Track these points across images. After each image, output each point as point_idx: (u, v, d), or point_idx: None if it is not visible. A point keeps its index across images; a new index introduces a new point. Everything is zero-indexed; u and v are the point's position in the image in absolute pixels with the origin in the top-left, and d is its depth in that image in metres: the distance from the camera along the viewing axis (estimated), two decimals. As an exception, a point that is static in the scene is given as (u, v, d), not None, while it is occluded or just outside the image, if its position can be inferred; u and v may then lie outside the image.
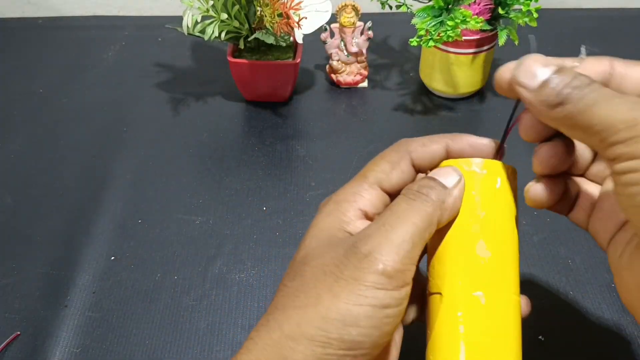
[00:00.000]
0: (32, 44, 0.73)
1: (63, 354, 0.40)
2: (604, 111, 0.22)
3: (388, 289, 0.25)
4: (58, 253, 0.47)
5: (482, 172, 0.28)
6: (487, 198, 0.28)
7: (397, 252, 0.25)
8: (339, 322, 0.25)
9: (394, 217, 0.26)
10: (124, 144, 0.57)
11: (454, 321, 0.27)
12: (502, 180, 0.29)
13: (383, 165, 0.30)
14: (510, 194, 0.29)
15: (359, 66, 0.63)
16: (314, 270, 0.26)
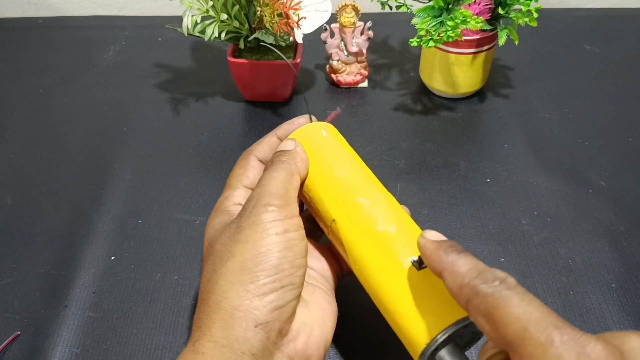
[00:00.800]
0: (32, 44, 0.73)
1: (63, 354, 0.40)
2: (516, 310, 0.23)
3: (282, 218, 0.31)
4: (58, 253, 0.47)
5: (311, 131, 0.38)
6: (322, 144, 0.38)
7: (274, 194, 0.32)
8: (254, 259, 0.30)
9: (264, 179, 0.33)
10: (124, 144, 0.58)
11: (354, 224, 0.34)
12: (325, 131, 0.38)
13: (238, 171, 0.38)
14: (334, 137, 0.39)
15: (359, 66, 0.63)
16: (220, 246, 0.32)
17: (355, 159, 0.38)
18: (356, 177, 0.36)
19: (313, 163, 0.37)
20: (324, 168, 0.36)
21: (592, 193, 0.51)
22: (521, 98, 0.63)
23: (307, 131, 0.38)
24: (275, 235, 0.30)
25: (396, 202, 0.36)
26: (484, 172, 0.54)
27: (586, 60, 0.69)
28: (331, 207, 0.35)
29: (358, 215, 0.34)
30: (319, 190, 0.36)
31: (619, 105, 0.61)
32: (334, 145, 0.38)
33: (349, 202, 0.35)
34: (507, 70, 0.66)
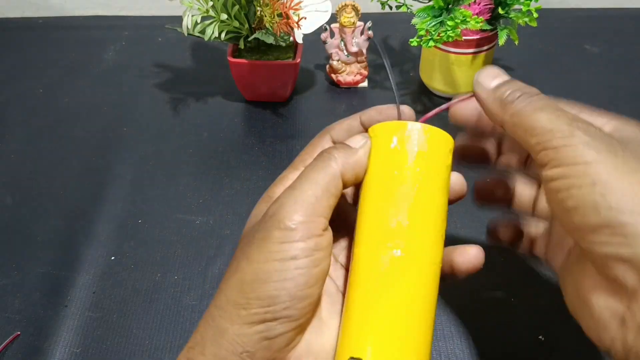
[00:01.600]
0: (32, 44, 0.73)
1: (63, 354, 0.40)
2: (546, 117, 0.26)
3: (293, 241, 0.26)
4: (58, 253, 0.47)
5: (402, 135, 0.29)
6: (393, 160, 0.29)
7: (297, 206, 0.27)
8: (253, 281, 0.26)
9: (299, 179, 0.29)
10: (124, 144, 0.58)
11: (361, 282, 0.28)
12: (420, 138, 0.29)
13: (306, 150, 0.33)
14: (429, 159, 0.29)
15: (359, 66, 0.63)
16: (242, 244, 0.29)
17: (432, 200, 0.29)
18: (411, 228, 0.28)
19: (376, 174, 0.29)
20: (383, 185, 0.29)
21: (592, 193, 0.51)
22: (521, 98, 0.62)
23: (393, 130, 0.30)
24: (279, 262, 0.26)
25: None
26: (484, 172, 0.54)
27: (586, 60, 0.69)
28: (360, 233, 0.29)
29: (378, 263, 0.28)
30: (361, 208, 0.30)
31: (619, 105, 0.61)
32: (418, 162, 0.29)
33: (374, 247, 0.28)
34: (507, 70, 0.66)
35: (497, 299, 0.43)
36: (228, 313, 0.27)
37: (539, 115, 0.26)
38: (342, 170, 0.29)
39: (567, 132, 0.25)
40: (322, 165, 0.29)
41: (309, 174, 0.28)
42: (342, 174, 0.29)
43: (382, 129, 0.30)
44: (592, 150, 0.24)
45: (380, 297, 0.27)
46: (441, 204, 0.29)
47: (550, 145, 0.25)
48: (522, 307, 0.42)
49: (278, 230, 0.27)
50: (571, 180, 0.24)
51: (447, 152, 0.30)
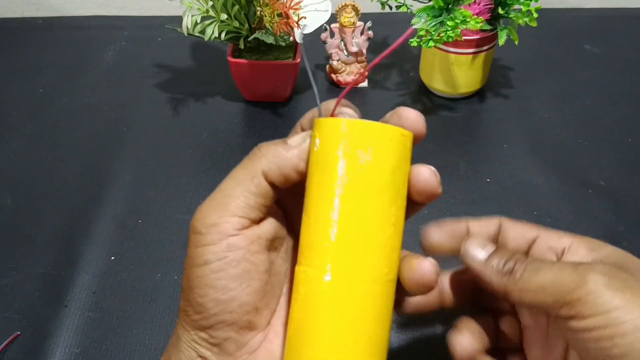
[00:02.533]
0: (32, 44, 0.73)
1: (63, 354, 0.40)
2: (552, 273, 0.26)
3: (203, 244, 0.26)
4: (58, 253, 0.47)
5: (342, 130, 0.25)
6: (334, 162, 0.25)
7: (210, 207, 0.26)
8: (186, 288, 0.26)
9: (226, 177, 0.27)
10: (124, 144, 0.57)
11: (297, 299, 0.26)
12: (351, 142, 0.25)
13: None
14: (379, 160, 0.25)
15: (359, 66, 0.63)
16: None
17: (376, 210, 0.25)
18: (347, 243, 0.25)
19: (308, 178, 0.26)
20: (310, 193, 0.26)
21: (592, 193, 0.51)
22: (521, 98, 0.63)
23: (320, 128, 0.26)
24: (197, 268, 0.26)
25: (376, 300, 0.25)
26: (484, 172, 0.54)
27: (586, 60, 0.69)
28: (299, 245, 0.26)
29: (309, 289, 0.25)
30: (303, 216, 0.26)
31: (619, 105, 0.61)
32: (359, 174, 0.25)
33: (312, 263, 0.25)
34: (507, 70, 0.66)
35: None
36: (180, 319, 0.27)
37: (544, 274, 0.26)
38: (265, 169, 0.26)
39: (580, 280, 0.25)
40: (246, 163, 0.27)
41: (233, 172, 0.27)
42: (264, 172, 0.26)
43: (318, 125, 0.26)
44: (617, 292, 0.24)
45: (316, 323, 0.25)
46: (381, 211, 0.25)
47: (572, 298, 0.25)
48: (522, 307, 0.42)
49: (193, 234, 0.26)
50: (612, 330, 0.24)
51: (389, 148, 0.25)
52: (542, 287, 0.26)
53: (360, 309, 0.24)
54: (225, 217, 0.26)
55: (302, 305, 0.25)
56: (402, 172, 0.26)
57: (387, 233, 0.25)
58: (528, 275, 0.27)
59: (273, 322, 0.28)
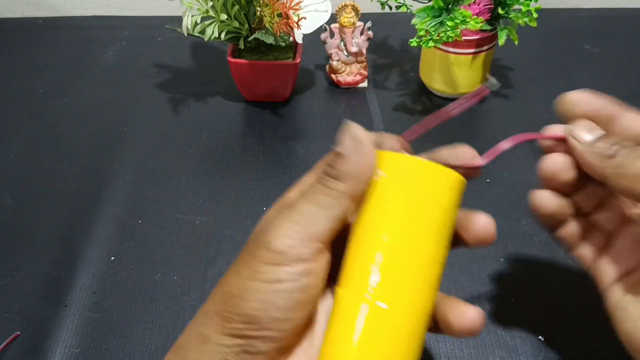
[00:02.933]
0: (32, 44, 0.73)
1: (63, 354, 0.40)
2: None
3: (278, 264, 0.25)
4: (58, 253, 0.47)
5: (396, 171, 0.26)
6: (390, 201, 0.26)
7: (289, 228, 0.26)
8: (235, 295, 0.26)
9: (302, 196, 0.27)
10: (124, 144, 0.58)
11: (340, 324, 0.26)
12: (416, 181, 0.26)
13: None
14: (426, 199, 0.26)
15: (359, 66, 0.63)
16: (240, 253, 0.28)
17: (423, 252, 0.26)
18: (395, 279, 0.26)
19: (364, 208, 0.27)
20: (368, 223, 0.26)
21: (592, 193, 0.51)
22: (521, 98, 0.63)
23: (385, 160, 0.27)
24: (262, 283, 0.25)
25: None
26: (483, 172, 0.53)
27: (586, 60, 0.69)
28: (343, 272, 0.27)
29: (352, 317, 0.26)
30: (349, 245, 0.27)
31: (619, 105, 0.61)
32: (411, 213, 0.26)
33: (356, 293, 0.26)
34: (507, 70, 0.66)
35: (497, 299, 0.43)
36: (213, 322, 0.26)
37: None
38: (352, 193, 0.26)
39: None
40: (322, 199, 0.26)
41: (308, 204, 0.26)
42: (352, 196, 0.26)
43: (384, 157, 0.27)
44: None
45: (359, 345, 0.25)
46: (431, 250, 0.26)
47: None
48: (522, 307, 0.42)
49: (266, 250, 0.25)
50: None
51: (445, 191, 0.26)
52: (637, 175, 0.27)
53: (402, 340, 0.26)
54: (306, 242, 0.26)
55: (347, 326, 0.26)
56: (455, 215, 0.28)
57: (436, 272, 0.27)
58: (628, 161, 0.27)
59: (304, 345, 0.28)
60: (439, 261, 0.27)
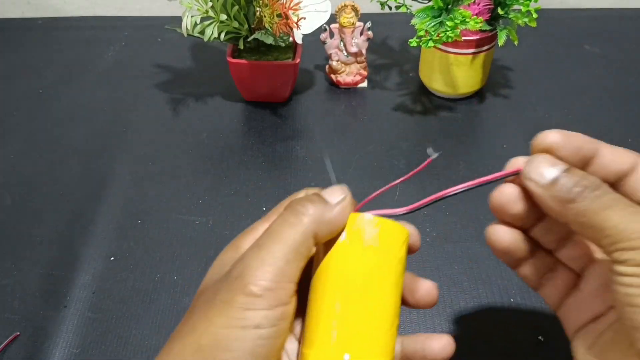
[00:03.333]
0: (32, 44, 0.73)
1: (63, 354, 0.40)
2: (617, 217, 0.23)
3: (258, 308, 0.24)
4: (58, 253, 0.47)
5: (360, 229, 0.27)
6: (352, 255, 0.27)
7: (266, 270, 0.25)
8: (211, 347, 0.24)
9: (267, 236, 0.26)
10: (124, 144, 0.58)
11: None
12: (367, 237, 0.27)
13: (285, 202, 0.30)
14: (384, 255, 0.27)
15: (359, 66, 0.63)
16: (202, 301, 0.26)
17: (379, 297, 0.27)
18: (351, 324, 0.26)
19: (325, 264, 0.27)
20: (331, 279, 0.27)
21: (592, 193, 0.51)
22: (521, 98, 0.63)
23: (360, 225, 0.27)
24: (240, 330, 0.24)
25: None
26: (483, 172, 0.54)
27: (586, 60, 0.69)
28: (307, 327, 0.27)
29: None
30: (311, 299, 0.28)
31: (619, 105, 0.61)
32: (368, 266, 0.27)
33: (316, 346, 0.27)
34: (506, 71, 0.66)
35: (497, 299, 0.43)
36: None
37: (608, 214, 0.24)
38: (315, 230, 0.26)
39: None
40: (292, 221, 0.26)
41: (278, 230, 0.26)
42: (314, 233, 0.26)
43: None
44: None
45: None
46: (392, 302, 0.27)
47: (627, 246, 0.23)
48: (522, 307, 0.42)
49: (243, 295, 0.24)
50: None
51: (401, 245, 0.27)
52: (602, 227, 0.24)
53: None
54: (282, 283, 0.25)
55: None
56: (405, 265, 0.28)
57: (395, 323, 0.27)
58: (591, 210, 0.24)
59: None
60: (397, 313, 0.28)
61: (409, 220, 0.29)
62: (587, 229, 0.24)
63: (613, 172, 0.27)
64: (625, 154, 0.27)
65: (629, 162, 0.27)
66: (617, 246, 0.23)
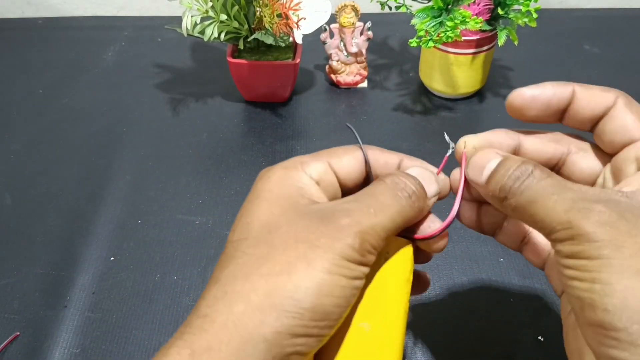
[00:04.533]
0: (32, 44, 0.73)
1: (62, 354, 0.40)
2: (542, 210, 0.24)
3: (358, 262, 0.25)
4: (58, 253, 0.47)
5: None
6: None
7: (373, 232, 0.25)
8: (314, 290, 0.23)
9: (379, 205, 0.26)
10: (124, 144, 0.58)
11: None
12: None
13: (336, 149, 0.31)
14: (395, 269, 0.28)
15: (359, 66, 0.63)
16: (285, 237, 0.25)
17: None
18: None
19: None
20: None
21: (592, 193, 0.51)
22: (521, 98, 0.63)
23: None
24: (344, 279, 0.24)
25: None
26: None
27: (586, 60, 0.69)
28: None
29: None
30: None
31: (619, 105, 0.61)
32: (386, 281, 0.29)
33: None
34: (506, 71, 0.66)
35: (497, 299, 0.43)
36: (270, 318, 0.23)
37: (535, 209, 0.24)
38: (411, 218, 0.27)
39: (566, 224, 0.23)
40: (402, 206, 0.27)
41: (389, 207, 0.26)
42: (406, 221, 0.27)
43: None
44: (600, 248, 0.22)
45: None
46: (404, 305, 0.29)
47: (555, 237, 0.23)
48: (522, 307, 0.42)
49: (350, 247, 0.24)
50: (578, 272, 0.22)
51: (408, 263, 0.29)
52: (533, 221, 0.24)
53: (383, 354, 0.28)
54: (375, 250, 0.26)
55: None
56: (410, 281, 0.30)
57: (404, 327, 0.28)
58: (520, 206, 0.25)
59: None
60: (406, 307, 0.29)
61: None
62: (525, 221, 0.25)
63: (587, 118, 0.27)
64: (600, 96, 0.27)
65: (604, 104, 0.27)
66: (550, 237, 0.24)
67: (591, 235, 0.22)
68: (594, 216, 0.22)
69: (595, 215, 0.22)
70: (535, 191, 0.24)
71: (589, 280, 0.22)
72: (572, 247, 0.22)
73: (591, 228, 0.22)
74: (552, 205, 0.23)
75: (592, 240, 0.22)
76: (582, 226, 0.22)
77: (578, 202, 0.23)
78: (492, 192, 0.26)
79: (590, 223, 0.22)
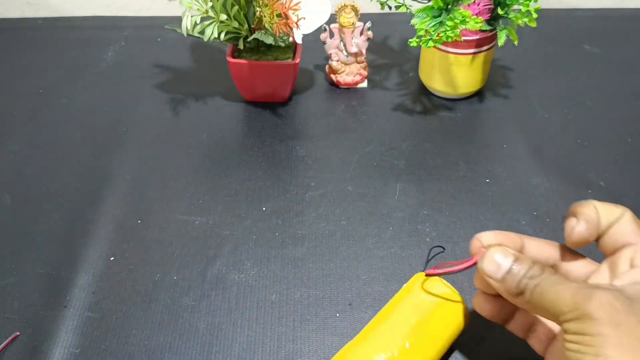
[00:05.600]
0: (32, 44, 0.73)
1: (62, 354, 0.40)
2: (552, 296, 0.29)
3: None
4: (58, 253, 0.47)
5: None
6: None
7: None
8: None
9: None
10: (124, 144, 0.58)
11: None
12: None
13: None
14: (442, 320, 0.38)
15: (359, 66, 0.63)
16: None
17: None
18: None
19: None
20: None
21: (592, 193, 0.51)
22: (521, 98, 0.63)
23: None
24: None
25: None
26: (483, 172, 0.54)
27: (586, 60, 0.69)
28: None
29: None
30: None
31: (619, 105, 0.61)
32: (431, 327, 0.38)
33: None
34: (506, 71, 0.66)
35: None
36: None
37: (545, 299, 0.29)
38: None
39: (572, 306, 0.27)
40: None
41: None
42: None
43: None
44: (601, 325, 0.26)
45: None
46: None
47: (564, 319, 0.28)
48: (521, 308, 0.42)
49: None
50: (582, 347, 0.26)
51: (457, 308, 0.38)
52: (544, 309, 0.29)
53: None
54: None
55: None
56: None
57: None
58: (536, 299, 0.29)
59: None
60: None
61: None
62: (539, 312, 0.30)
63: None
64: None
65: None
66: (559, 320, 0.28)
67: (593, 313, 0.26)
68: (595, 297, 0.27)
69: (596, 297, 0.27)
70: (546, 284, 0.29)
71: (592, 354, 0.26)
72: (578, 325, 0.27)
73: (593, 307, 0.26)
74: (560, 292, 0.28)
75: (594, 318, 0.26)
76: (586, 307, 0.27)
77: (582, 289, 0.28)
78: (508, 288, 0.31)
79: (592, 303, 0.27)
